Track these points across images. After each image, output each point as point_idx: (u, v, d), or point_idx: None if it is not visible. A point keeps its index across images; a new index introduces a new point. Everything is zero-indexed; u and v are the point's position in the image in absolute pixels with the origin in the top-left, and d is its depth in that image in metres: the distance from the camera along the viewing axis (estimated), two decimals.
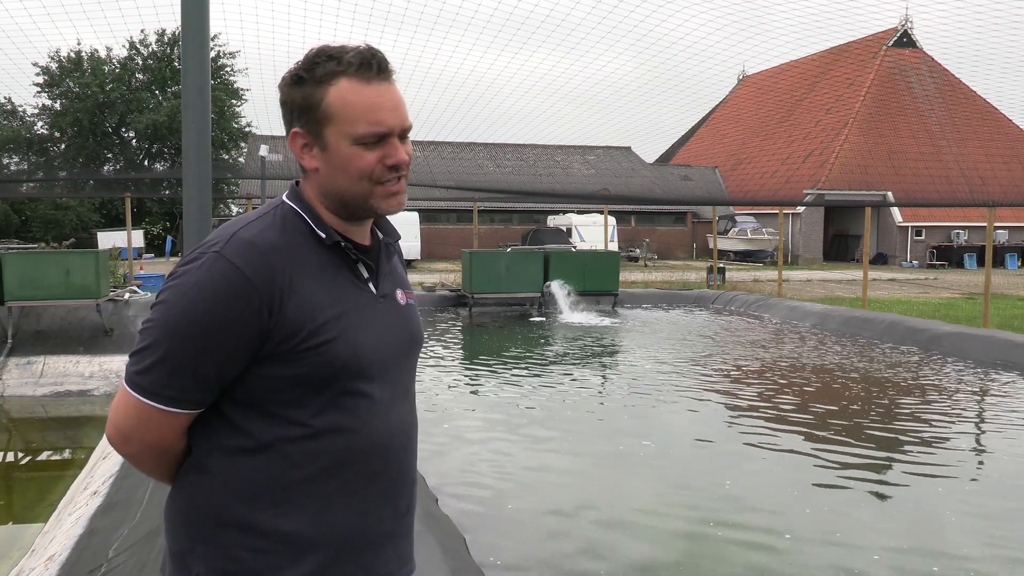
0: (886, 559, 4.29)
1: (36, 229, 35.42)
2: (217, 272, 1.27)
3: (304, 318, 1.31)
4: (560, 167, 43.32)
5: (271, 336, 1.29)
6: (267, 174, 19.59)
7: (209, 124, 3.68)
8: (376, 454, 1.39)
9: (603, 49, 70.74)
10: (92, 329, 11.72)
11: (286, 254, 1.32)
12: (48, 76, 37.98)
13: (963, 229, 37.32)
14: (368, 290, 1.43)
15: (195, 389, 1.29)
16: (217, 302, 1.26)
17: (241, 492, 1.32)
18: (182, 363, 1.27)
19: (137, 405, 1.30)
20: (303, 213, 1.39)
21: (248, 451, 1.33)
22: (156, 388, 1.28)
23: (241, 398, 1.33)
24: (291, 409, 1.33)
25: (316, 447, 1.33)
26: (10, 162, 39.12)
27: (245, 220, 1.36)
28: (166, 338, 1.27)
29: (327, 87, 1.34)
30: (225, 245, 1.29)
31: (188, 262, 1.31)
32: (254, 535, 1.32)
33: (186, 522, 1.35)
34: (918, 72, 41.00)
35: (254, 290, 1.27)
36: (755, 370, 9.83)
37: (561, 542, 4.52)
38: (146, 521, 3.81)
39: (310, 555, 1.34)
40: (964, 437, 6.94)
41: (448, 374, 9.56)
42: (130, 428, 1.33)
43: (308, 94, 1.35)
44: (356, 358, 1.35)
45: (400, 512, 1.46)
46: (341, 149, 1.35)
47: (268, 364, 1.31)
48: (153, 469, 1.40)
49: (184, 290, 1.28)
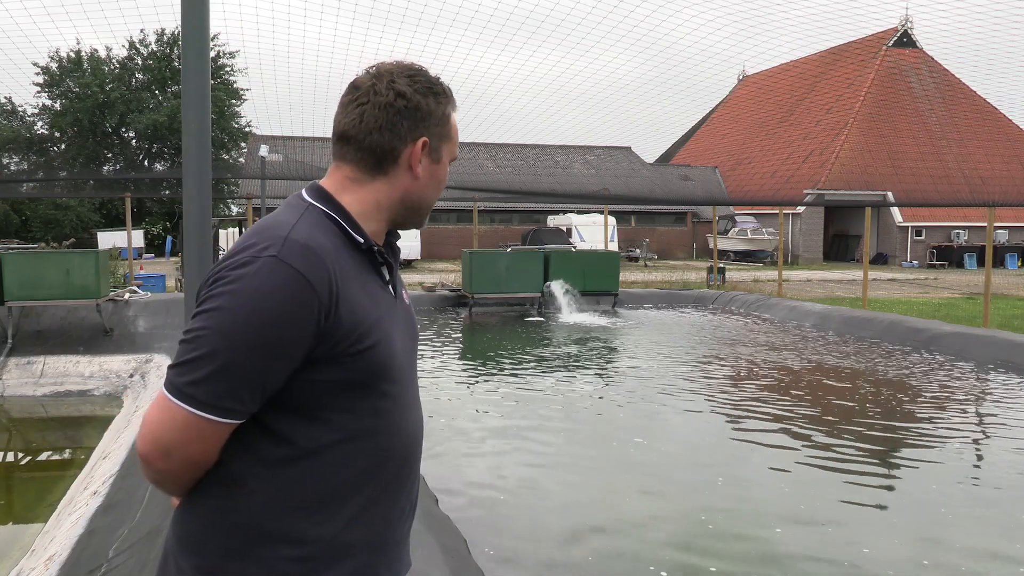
0: (887, 559, 4.29)
1: (36, 229, 35.41)
2: (280, 277, 1.23)
3: (354, 321, 1.30)
4: (560, 167, 43.32)
5: (324, 340, 1.28)
6: (267, 174, 19.57)
7: (209, 124, 3.68)
8: (406, 453, 1.43)
9: (603, 49, 70.68)
10: (92, 329, 11.71)
11: (334, 257, 1.31)
12: (48, 76, 37.98)
13: (963, 229, 37.32)
14: (390, 292, 1.45)
15: (251, 398, 1.26)
16: (283, 309, 1.23)
17: (281, 503, 1.30)
18: (242, 372, 1.23)
19: (186, 418, 1.24)
20: (338, 217, 1.38)
21: (289, 460, 1.30)
22: (212, 399, 1.23)
23: (287, 404, 1.30)
24: (335, 414, 1.32)
25: (353, 451, 1.34)
26: (10, 162, 39.12)
27: (288, 221, 1.33)
28: (226, 347, 1.22)
29: (453, 110, 1.47)
30: (283, 248, 1.26)
31: (240, 266, 1.25)
32: (293, 544, 1.30)
33: (218, 537, 1.31)
34: (918, 72, 41.00)
35: (315, 295, 1.25)
36: (755, 370, 9.83)
37: (561, 542, 4.52)
38: (146, 521, 3.81)
39: (349, 559, 1.34)
40: (965, 437, 6.94)
41: (448, 374, 9.56)
42: (174, 442, 1.26)
43: (444, 111, 1.44)
44: (391, 360, 1.37)
45: (414, 509, 1.50)
46: (444, 165, 1.48)
47: (318, 368, 1.29)
48: (177, 486, 1.34)
49: (244, 296, 1.23)
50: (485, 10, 60.69)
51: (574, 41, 64.79)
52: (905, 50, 41.33)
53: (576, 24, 55.39)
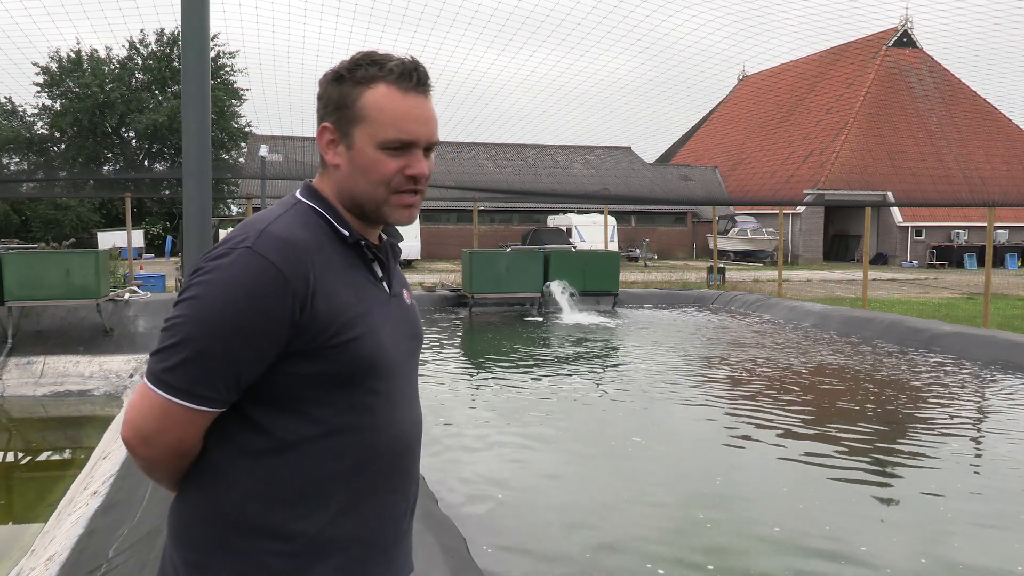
0: (888, 559, 4.29)
1: (36, 229, 35.40)
2: (253, 268, 1.26)
3: (333, 315, 1.31)
4: (560, 167, 43.33)
5: (301, 333, 1.29)
6: (267, 174, 19.57)
7: (209, 124, 3.68)
8: (395, 451, 1.41)
9: (603, 49, 70.73)
10: (92, 329, 11.71)
11: (315, 250, 1.33)
12: (48, 76, 37.95)
13: (963, 229, 37.32)
14: (383, 289, 1.45)
15: (225, 387, 1.28)
16: (254, 298, 1.25)
17: (263, 494, 1.31)
18: (215, 360, 1.25)
19: (163, 405, 1.27)
20: (323, 211, 1.40)
21: (270, 452, 1.31)
22: (186, 386, 1.25)
23: (266, 396, 1.32)
24: (315, 407, 1.32)
25: (338, 445, 1.34)
26: (10, 162, 39.11)
27: (270, 216, 1.35)
28: (199, 335, 1.25)
29: (365, 89, 1.36)
30: (257, 240, 1.28)
31: (217, 257, 1.29)
32: (276, 538, 1.31)
33: (204, 529, 1.32)
34: (918, 72, 41.00)
35: (288, 286, 1.27)
36: (755, 370, 9.83)
37: (562, 541, 4.52)
38: (146, 521, 3.81)
39: (335, 556, 1.34)
40: (965, 437, 6.94)
41: (448, 374, 9.56)
42: (153, 429, 1.29)
43: (345, 92, 1.37)
44: (378, 356, 1.36)
45: (411, 509, 1.49)
46: (366, 151, 1.37)
47: (296, 361, 1.30)
48: (166, 474, 1.36)
49: (217, 286, 1.26)
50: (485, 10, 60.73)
51: (574, 41, 64.81)
52: (905, 50, 41.34)
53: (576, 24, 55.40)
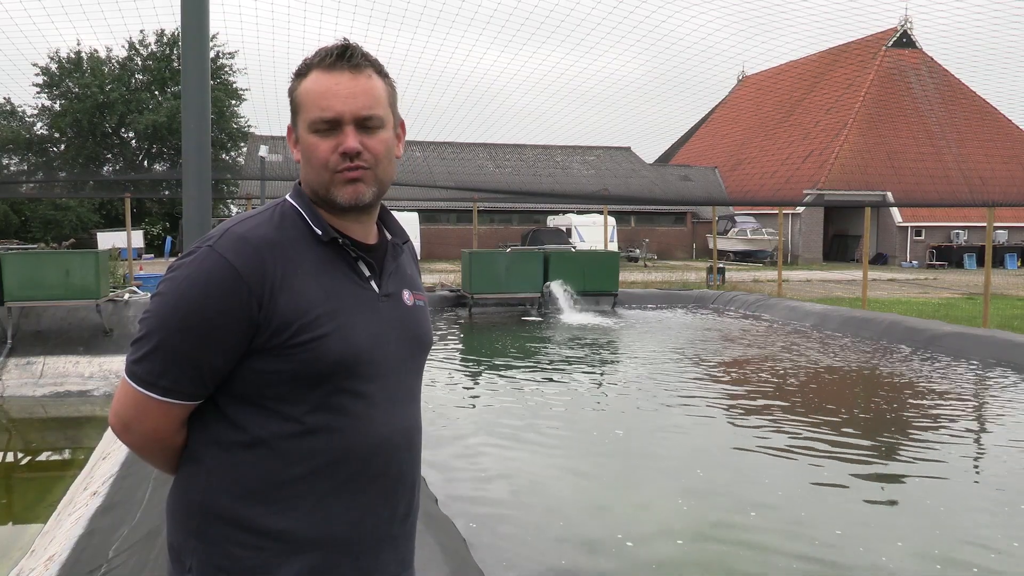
0: (891, 560, 4.29)
1: (36, 229, 35.38)
2: (208, 265, 1.29)
3: (295, 313, 1.31)
4: (560, 167, 43.33)
5: (261, 330, 1.30)
6: (267, 174, 19.59)
7: (209, 124, 3.68)
8: (374, 455, 1.38)
9: (604, 48, 70.75)
10: (92, 329, 11.72)
11: (280, 249, 1.33)
12: (48, 76, 37.93)
13: (963, 229, 37.33)
14: (370, 288, 1.42)
15: (187, 381, 1.31)
16: (208, 295, 1.28)
17: (234, 487, 1.33)
18: (173, 354, 1.29)
19: (134, 394, 1.33)
20: (302, 210, 1.40)
21: (243, 445, 1.33)
22: (150, 378, 1.31)
23: (236, 392, 1.34)
24: (284, 405, 1.33)
25: (310, 445, 1.33)
26: (10, 162, 39.09)
27: (243, 217, 1.39)
28: (159, 329, 1.30)
29: (302, 80, 1.38)
30: (218, 240, 1.32)
31: (184, 256, 1.35)
32: (246, 531, 1.32)
33: (182, 515, 1.36)
34: (918, 72, 41.01)
35: (243, 283, 1.28)
36: (755, 370, 9.83)
37: (562, 542, 4.51)
38: (146, 521, 3.81)
39: (303, 555, 1.33)
40: (966, 437, 6.94)
41: (448, 374, 9.56)
42: (129, 417, 1.35)
43: (291, 89, 1.40)
44: (350, 356, 1.34)
45: (399, 515, 1.44)
46: (305, 138, 1.38)
47: (260, 358, 1.31)
48: (155, 459, 1.42)
49: (177, 283, 1.30)
50: (486, 10, 60.77)
51: (575, 41, 64.84)
52: (905, 50, 41.35)
53: (577, 24, 55.43)
